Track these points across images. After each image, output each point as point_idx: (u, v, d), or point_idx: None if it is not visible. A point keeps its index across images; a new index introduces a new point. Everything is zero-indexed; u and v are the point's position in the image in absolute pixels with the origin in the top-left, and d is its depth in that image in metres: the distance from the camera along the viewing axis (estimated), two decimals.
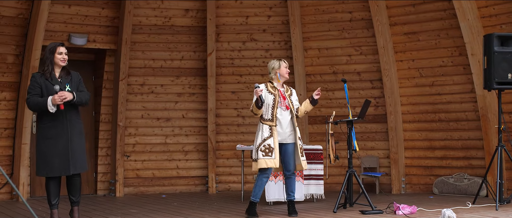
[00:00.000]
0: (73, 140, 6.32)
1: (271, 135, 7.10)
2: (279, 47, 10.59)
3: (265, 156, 7.05)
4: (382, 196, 9.27)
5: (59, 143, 6.27)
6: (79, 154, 6.36)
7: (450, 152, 9.71)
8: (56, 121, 6.29)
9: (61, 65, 6.41)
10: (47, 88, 6.30)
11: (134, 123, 10.35)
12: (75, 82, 6.45)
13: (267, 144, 7.07)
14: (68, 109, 6.34)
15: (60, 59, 6.39)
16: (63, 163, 6.26)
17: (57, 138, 6.27)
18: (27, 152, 9.36)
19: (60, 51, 6.40)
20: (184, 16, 10.48)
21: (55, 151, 6.26)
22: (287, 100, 7.24)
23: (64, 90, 6.31)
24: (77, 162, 6.33)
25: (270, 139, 7.09)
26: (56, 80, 6.35)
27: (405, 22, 9.88)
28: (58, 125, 6.28)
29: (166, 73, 10.49)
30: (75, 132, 6.35)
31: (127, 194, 10.13)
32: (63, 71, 6.44)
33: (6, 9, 9.20)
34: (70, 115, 6.36)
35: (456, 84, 9.60)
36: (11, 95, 9.45)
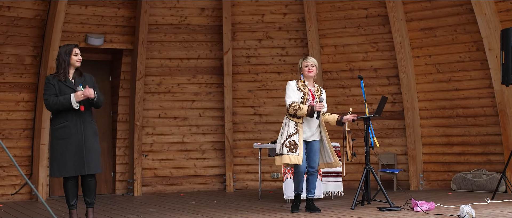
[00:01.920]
0: (87, 140, 6.33)
1: (296, 132, 7.12)
2: (295, 45, 10.58)
3: (289, 152, 7.07)
4: (400, 193, 9.23)
5: (73, 143, 6.29)
6: (93, 154, 6.37)
7: (468, 148, 9.66)
8: (70, 121, 6.31)
9: (77, 66, 6.46)
10: (61, 89, 6.34)
11: (151, 123, 10.39)
12: (89, 84, 6.48)
13: (292, 140, 7.10)
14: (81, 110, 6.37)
15: (76, 60, 6.44)
16: (77, 163, 6.29)
17: (71, 138, 6.29)
18: (45, 152, 9.42)
19: (76, 52, 6.45)
20: (200, 15, 10.50)
21: (69, 151, 6.29)
22: (316, 99, 7.25)
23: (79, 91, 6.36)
24: (91, 163, 6.35)
25: (296, 136, 7.11)
26: (70, 81, 6.39)
27: (421, 18, 9.83)
28: (72, 126, 6.30)
29: (182, 72, 10.52)
30: (89, 132, 6.37)
31: (145, 193, 10.17)
32: (76, 72, 6.48)
33: (23, 10, 9.27)
34: (84, 116, 6.38)
35: (473, 79, 9.54)
36: (29, 96, 9.52)
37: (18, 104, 9.46)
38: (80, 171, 6.31)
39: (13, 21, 9.23)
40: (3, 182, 9.28)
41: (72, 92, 6.31)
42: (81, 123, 6.33)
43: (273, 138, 10.23)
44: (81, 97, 6.24)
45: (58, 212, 7.74)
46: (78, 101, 6.27)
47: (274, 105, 10.59)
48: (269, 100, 10.62)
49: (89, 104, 6.44)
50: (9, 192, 9.32)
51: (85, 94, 6.26)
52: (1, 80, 9.29)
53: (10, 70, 9.35)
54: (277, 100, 10.55)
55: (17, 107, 9.45)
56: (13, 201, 9.23)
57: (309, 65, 7.28)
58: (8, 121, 9.33)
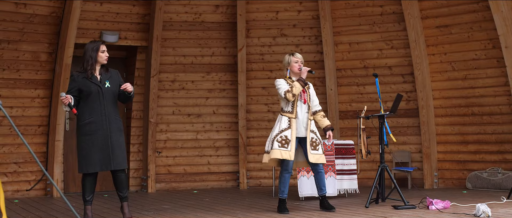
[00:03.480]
0: (112, 136, 6.39)
1: (289, 127, 7.05)
2: (309, 42, 10.56)
3: (281, 147, 6.99)
4: (415, 191, 9.19)
5: (98, 139, 6.35)
6: (119, 150, 6.44)
7: (484, 146, 9.59)
8: (95, 117, 6.37)
9: (104, 63, 6.53)
10: (86, 85, 6.39)
11: (165, 119, 10.41)
12: (115, 79, 6.56)
13: (284, 136, 7.01)
14: (107, 105, 6.42)
15: (103, 57, 6.52)
16: (104, 159, 6.36)
17: (96, 133, 6.35)
18: (60, 148, 9.48)
19: (103, 49, 6.54)
20: (214, 12, 10.51)
21: (95, 147, 6.35)
22: (306, 94, 7.20)
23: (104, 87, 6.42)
24: (117, 158, 6.41)
25: (288, 131, 7.03)
26: (95, 77, 6.44)
27: (437, 15, 9.77)
28: (97, 121, 6.37)
29: (196, 69, 10.53)
30: (114, 128, 6.43)
31: (159, 190, 10.20)
32: (102, 68, 6.54)
33: (39, 8, 9.32)
34: (109, 112, 6.44)
35: (489, 77, 9.47)
36: (44, 92, 9.58)
37: (34, 101, 9.51)
38: (107, 167, 6.38)
39: (29, 18, 9.28)
40: (19, 178, 9.34)
41: (97, 88, 6.38)
42: (106, 119, 6.39)
43: None
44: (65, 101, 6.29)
45: None
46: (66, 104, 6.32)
47: None
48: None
49: (126, 98, 6.53)
50: (24, 188, 9.38)
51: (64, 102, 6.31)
52: (17, 76, 9.35)
53: (26, 66, 9.40)
54: None
55: (33, 103, 9.50)
56: (28, 196, 9.29)
57: (299, 61, 7.23)
58: (24, 118, 9.39)
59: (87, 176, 6.43)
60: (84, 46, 9.66)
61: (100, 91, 6.40)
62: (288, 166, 7.09)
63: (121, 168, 6.45)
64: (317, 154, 7.14)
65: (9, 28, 9.16)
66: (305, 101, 7.16)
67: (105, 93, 6.42)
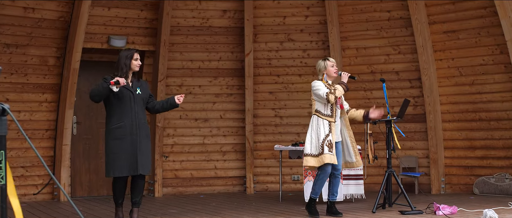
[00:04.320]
0: (141, 141, 6.48)
1: (330, 132, 7.07)
2: (316, 47, 10.56)
3: (329, 151, 6.99)
4: (422, 196, 9.17)
5: (127, 143, 6.42)
6: (146, 155, 6.53)
7: (491, 152, 9.57)
8: (125, 121, 6.44)
9: (136, 70, 6.64)
10: (121, 91, 6.45)
11: (172, 124, 10.43)
12: (145, 88, 6.69)
13: (329, 140, 7.03)
14: (138, 111, 6.51)
15: (136, 65, 6.61)
16: (132, 163, 6.43)
17: (125, 138, 6.42)
18: (68, 153, 9.50)
19: (136, 57, 6.64)
20: (221, 17, 10.53)
21: (124, 151, 6.42)
22: (342, 99, 7.27)
23: (135, 93, 6.55)
24: (144, 164, 6.48)
25: (330, 136, 7.06)
26: (128, 84, 6.53)
27: (444, 21, 9.76)
28: (127, 126, 6.44)
29: (204, 74, 10.55)
30: (143, 134, 6.51)
31: (165, 194, 10.21)
32: (133, 76, 6.65)
33: (47, 12, 9.36)
34: (139, 117, 6.52)
35: (497, 83, 9.46)
36: (52, 96, 9.61)
37: (41, 105, 9.54)
38: (134, 171, 6.45)
39: (37, 23, 9.32)
40: (26, 182, 9.37)
41: (130, 93, 6.49)
42: (136, 124, 6.46)
43: (293, 140, 10.22)
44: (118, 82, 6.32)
45: None
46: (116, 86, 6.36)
47: (295, 107, 10.58)
48: (290, 102, 10.61)
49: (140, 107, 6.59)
50: (31, 192, 9.41)
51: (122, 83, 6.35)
52: (25, 81, 9.38)
53: (34, 71, 9.44)
54: (298, 102, 10.54)
55: (40, 107, 9.54)
56: (35, 200, 9.32)
57: (334, 65, 7.28)
58: (31, 122, 9.42)
59: (118, 180, 6.50)
60: (91, 51, 9.78)
61: (132, 97, 6.49)
62: (328, 170, 7.08)
63: (146, 173, 6.54)
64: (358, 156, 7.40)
65: (18, 32, 9.20)
66: (341, 107, 7.22)
67: (136, 98, 6.52)
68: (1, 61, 9.04)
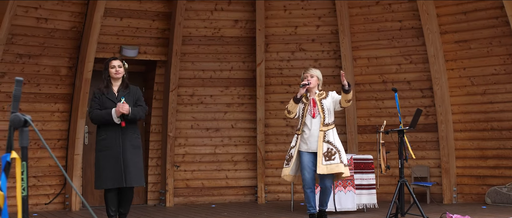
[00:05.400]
0: (125, 152, 6.40)
1: (295, 145, 7.19)
2: (328, 57, 10.57)
3: (286, 165, 7.14)
4: (433, 206, 9.15)
5: (111, 156, 6.38)
6: (133, 167, 6.44)
7: (503, 161, 9.54)
8: (110, 133, 6.41)
9: (116, 77, 6.58)
10: (103, 102, 6.46)
11: (183, 134, 10.44)
12: (133, 96, 6.60)
13: (290, 153, 7.20)
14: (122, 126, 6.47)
15: (113, 73, 6.58)
16: (116, 175, 6.37)
17: (109, 150, 6.39)
18: (79, 162, 9.53)
19: (113, 65, 6.61)
20: (233, 27, 10.56)
21: (108, 163, 6.38)
22: (317, 107, 7.19)
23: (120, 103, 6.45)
24: (130, 175, 6.40)
25: (293, 149, 7.24)
26: (113, 94, 6.49)
27: (456, 30, 9.76)
28: (111, 138, 6.40)
29: (215, 84, 10.57)
30: (128, 144, 6.44)
31: (177, 204, 10.21)
32: (122, 84, 6.59)
33: (60, 22, 9.41)
34: (123, 129, 6.45)
35: (509, 92, 9.44)
36: (64, 106, 9.64)
37: (53, 115, 9.58)
38: (119, 184, 6.38)
39: (50, 33, 9.37)
40: (37, 192, 9.39)
41: (113, 105, 6.42)
42: (120, 136, 6.42)
43: None
44: (118, 113, 6.33)
45: None
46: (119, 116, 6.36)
47: None
48: None
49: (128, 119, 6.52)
50: (43, 202, 9.43)
51: (118, 110, 6.34)
52: (37, 90, 9.42)
53: (46, 81, 9.48)
54: None
55: (52, 117, 9.57)
56: (47, 210, 9.34)
57: (308, 76, 7.28)
58: (43, 131, 9.45)
59: (108, 192, 6.48)
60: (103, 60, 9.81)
61: None
62: (305, 182, 7.11)
63: (134, 185, 6.46)
64: (331, 163, 7.03)
65: (30, 42, 9.25)
66: (314, 115, 7.16)
67: None
68: (14, 71, 9.09)
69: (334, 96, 7.31)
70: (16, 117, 3.16)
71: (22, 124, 3.18)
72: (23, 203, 3.21)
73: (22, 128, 3.19)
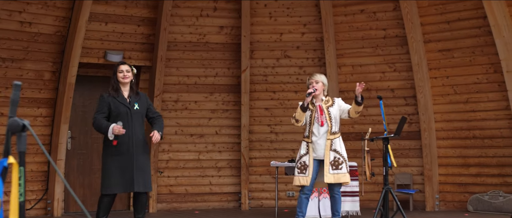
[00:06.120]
0: (138, 158, 6.42)
1: (307, 153, 7.12)
2: (313, 64, 10.61)
3: (300, 173, 7.08)
4: (416, 213, 9.21)
5: (124, 160, 6.37)
6: (144, 172, 6.46)
7: (485, 169, 9.64)
8: (122, 138, 6.40)
9: (123, 82, 6.58)
10: (115, 106, 6.46)
11: (167, 139, 10.41)
12: (143, 102, 6.63)
13: (303, 161, 7.10)
14: (134, 127, 6.47)
15: (120, 77, 6.58)
16: (127, 181, 6.36)
17: (122, 155, 6.37)
18: (62, 167, 9.45)
19: (121, 69, 6.62)
20: (218, 33, 10.55)
21: (119, 168, 6.37)
22: (324, 115, 7.21)
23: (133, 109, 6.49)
24: (141, 180, 6.42)
25: (306, 156, 7.11)
26: (124, 98, 6.50)
27: (439, 39, 9.85)
28: (123, 143, 6.39)
29: (200, 90, 10.55)
30: (140, 150, 6.46)
31: (160, 210, 10.17)
32: (132, 90, 6.60)
33: (44, 26, 9.34)
34: (136, 134, 6.47)
35: (491, 101, 9.55)
36: (47, 111, 9.56)
37: (36, 119, 9.49)
38: (129, 189, 6.38)
39: (34, 37, 9.29)
40: None
41: (127, 109, 6.44)
42: (133, 141, 6.42)
43: (289, 156, 10.24)
44: (116, 132, 6.33)
45: None
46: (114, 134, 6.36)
47: (290, 124, 10.51)
48: (285, 118, 10.62)
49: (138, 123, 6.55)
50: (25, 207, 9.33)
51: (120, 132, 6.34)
52: (20, 95, 9.28)
53: (29, 85, 9.40)
54: None
55: (35, 122, 9.48)
56: (28, 216, 9.24)
57: (313, 82, 7.29)
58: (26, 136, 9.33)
59: (105, 196, 6.43)
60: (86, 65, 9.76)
61: (129, 113, 6.45)
62: (305, 189, 7.12)
63: (144, 190, 6.46)
64: (339, 173, 7.08)
65: (14, 46, 9.16)
66: (322, 124, 7.17)
67: (133, 114, 6.47)
68: None
69: (341, 104, 7.31)
70: (14, 121, 3.12)
71: (20, 129, 3.14)
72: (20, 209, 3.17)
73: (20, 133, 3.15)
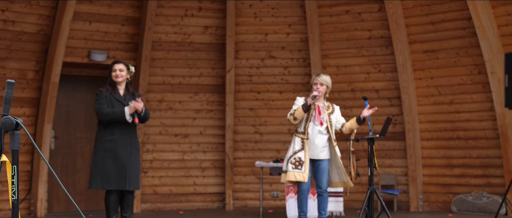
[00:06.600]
0: (131, 157, 6.44)
1: (302, 149, 7.11)
2: (297, 64, 10.61)
3: (295, 169, 7.05)
4: (401, 214, 9.24)
5: (118, 158, 6.38)
6: (135, 171, 6.52)
7: (469, 170, 9.69)
8: (117, 135, 6.40)
9: (116, 81, 6.60)
10: (112, 102, 6.46)
11: (152, 139, 10.36)
12: None
13: (298, 157, 7.08)
14: (129, 125, 6.47)
15: (113, 76, 6.62)
16: (121, 178, 6.38)
17: (117, 152, 6.37)
18: (45, 167, 9.36)
19: (114, 68, 6.67)
20: (203, 33, 10.52)
21: (113, 165, 6.37)
22: (322, 115, 7.23)
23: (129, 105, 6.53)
24: (133, 179, 6.44)
25: (301, 152, 7.10)
26: (120, 96, 6.52)
27: (424, 40, 9.89)
28: (118, 140, 6.40)
29: (184, 90, 10.52)
30: (134, 149, 6.49)
31: (144, 210, 10.12)
32: (126, 89, 6.62)
33: (27, 25, 9.25)
34: (130, 132, 6.49)
35: (475, 102, 9.60)
36: (30, 110, 9.47)
37: None
38: (122, 186, 6.41)
39: (17, 36, 9.20)
40: (2, 197, 9.19)
41: (121, 105, 6.47)
42: (128, 138, 6.43)
43: (273, 157, 10.23)
44: (133, 109, 6.36)
45: None
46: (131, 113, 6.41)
47: (275, 124, 10.60)
48: (270, 119, 10.62)
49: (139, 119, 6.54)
50: (7, 207, 9.24)
51: (135, 106, 6.38)
52: (3, 94, 9.22)
53: None
54: (278, 119, 10.56)
55: None
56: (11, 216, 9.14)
57: (317, 83, 7.30)
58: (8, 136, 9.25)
59: (111, 195, 6.44)
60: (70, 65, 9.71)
61: None
62: (302, 187, 7.11)
63: (135, 189, 6.51)
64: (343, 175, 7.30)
65: None
66: (321, 123, 7.20)
67: None
68: None
69: (338, 115, 7.45)
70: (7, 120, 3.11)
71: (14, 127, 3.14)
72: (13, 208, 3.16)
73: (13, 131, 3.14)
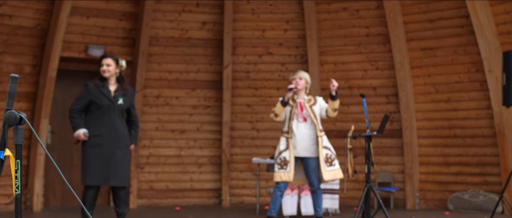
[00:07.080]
0: (117, 152, 6.40)
1: (287, 148, 7.09)
2: (295, 61, 10.60)
3: (280, 169, 7.05)
4: (397, 211, 9.24)
5: (103, 153, 6.35)
6: (122, 167, 6.45)
7: (465, 168, 9.69)
8: (103, 131, 6.38)
9: (104, 76, 6.55)
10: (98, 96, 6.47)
11: (148, 135, 10.35)
12: (128, 99, 6.62)
13: (283, 157, 7.08)
14: (116, 120, 6.45)
15: (101, 71, 6.56)
16: (104, 174, 6.35)
17: (102, 147, 6.35)
18: (42, 162, 9.35)
19: (102, 63, 6.57)
20: (201, 29, 10.50)
21: (98, 160, 6.35)
22: (305, 111, 7.19)
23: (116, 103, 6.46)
24: (118, 175, 6.40)
25: (286, 152, 7.08)
26: (108, 90, 6.47)
27: (422, 38, 9.88)
28: (105, 136, 6.38)
29: (181, 86, 10.50)
30: (121, 144, 6.45)
31: (140, 206, 10.11)
32: (118, 85, 6.56)
33: (25, 19, 9.23)
34: (118, 127, 6.46)
35: (472, 100, 9.59)
36: (27, 105, 9.46)
37: None
38: (105, 182, 6.36)
39: (14, 30, 9.18)
40: None
41: (109, 102, 6.44)
42: (115, 135, 6.42)
43: (270, 153, 10.23)
44: (76, 137, 6.39)
45: None
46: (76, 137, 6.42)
47: (272, 120, 10.56)
48: (267, 115, 10.60)
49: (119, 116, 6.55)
50: (4, 202, 9.23)
51: (78, 137, 6.39)
52: (0, 88, 9.22)
53: (9, 79, 9.25)
54: None
55: None
56: (8, 210, 9.14)
57: (297, 78, 7.28)
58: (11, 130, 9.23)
59: (89, 190, 6.40)
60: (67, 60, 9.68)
61: (112, 106, 6.43)
62: (281, 185, 7.10)
63: (121, 185, 6.45)
64: (334, 169, 7.17)
65: None
66: (305, 119, 7.16)
67: (116, 108, 6.44)
68: None
69: (321, 103, 7.34)
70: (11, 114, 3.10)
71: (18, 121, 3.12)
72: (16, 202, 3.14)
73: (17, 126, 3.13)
